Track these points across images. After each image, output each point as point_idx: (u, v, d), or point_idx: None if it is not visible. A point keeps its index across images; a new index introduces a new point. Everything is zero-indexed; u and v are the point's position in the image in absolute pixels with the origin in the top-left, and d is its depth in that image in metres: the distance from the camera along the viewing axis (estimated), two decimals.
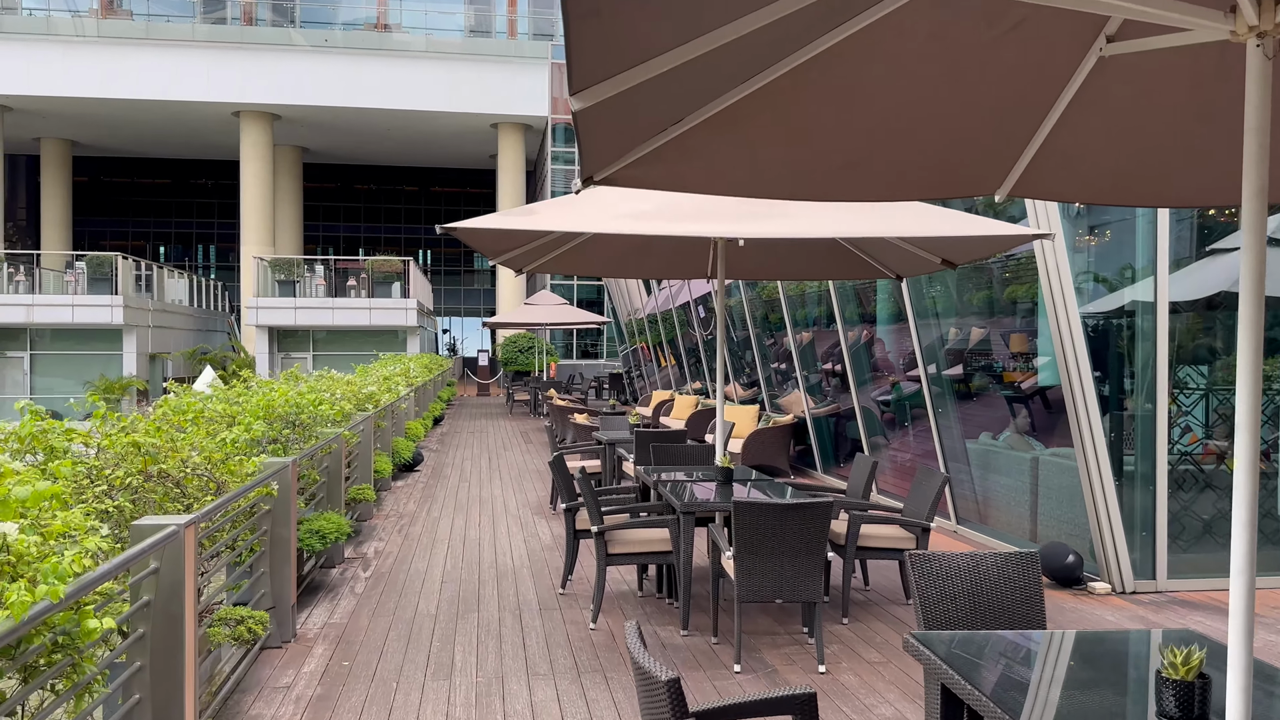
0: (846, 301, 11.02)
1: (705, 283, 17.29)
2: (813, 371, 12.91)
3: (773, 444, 12.57)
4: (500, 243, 6.36)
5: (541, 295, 24.77)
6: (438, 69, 35.40)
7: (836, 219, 5.32)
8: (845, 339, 11.09)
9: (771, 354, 14.66)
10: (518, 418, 23.34)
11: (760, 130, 3.00)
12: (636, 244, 7.36)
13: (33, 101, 34.40)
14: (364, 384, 11.18)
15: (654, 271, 7.85)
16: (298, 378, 8.71)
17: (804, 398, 12.84)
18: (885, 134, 3.11)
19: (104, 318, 28.72)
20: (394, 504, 10.57)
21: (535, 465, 14.14)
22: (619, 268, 7.60)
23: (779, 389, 14.52)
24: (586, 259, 7.30)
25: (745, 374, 16.60)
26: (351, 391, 10.32)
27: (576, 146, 2.94)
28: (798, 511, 4.97)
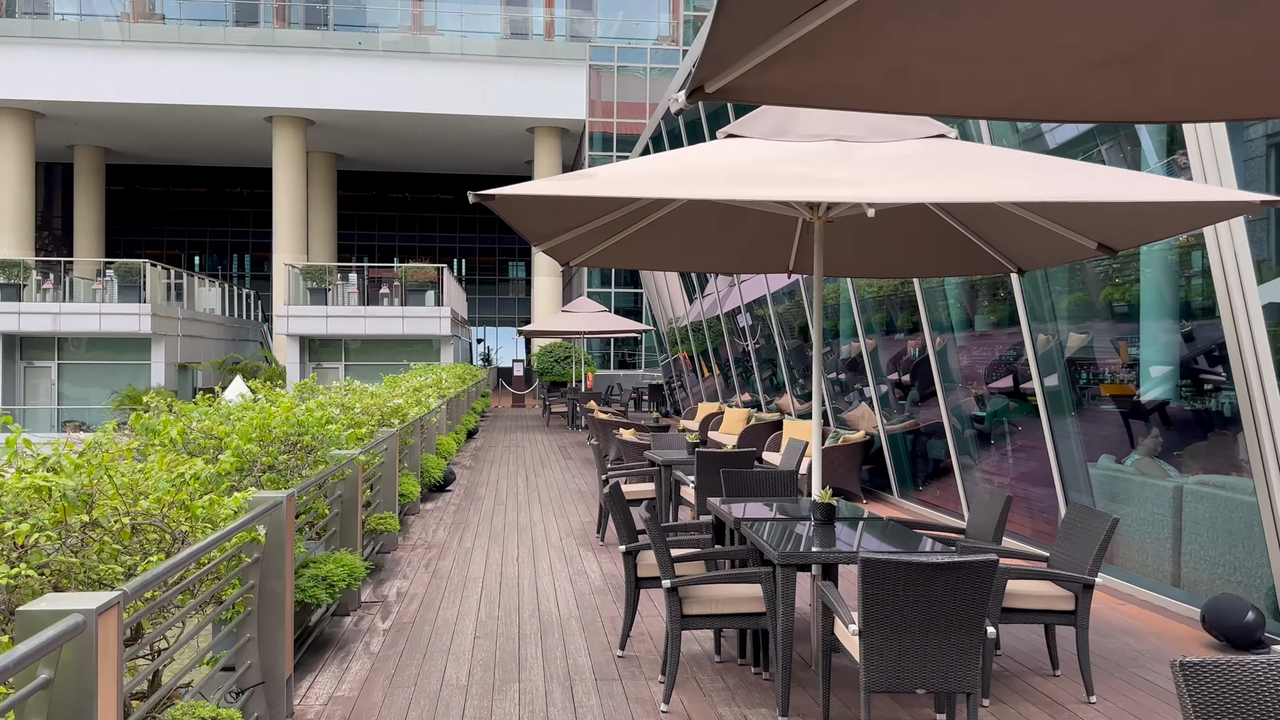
0: (935, 302, 9.72)
1: (757, 286, 16.06)
2: (882, 382, 11.60)
3: (843, 464, 11.28)
4: (545, 221, 5.18)
5: (580, 302, 23.64)
6: (473, 72, 34.53)
7: (979, 182, 4.06)
8: (932, 345, 9.78)
9: (831, 364, 13.36)
10: (555, 431, 22.19)
11: None
12: (708, 229, 6.15)
13: (65, 107, 33.96)
14: (390, 396, 10.06)
15: (727, 263, 6.62)
16: (313, 389, 7.59)
17: (875, 412, 11.53)
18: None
19: (131, 326, 28.03)
20: (422, 531, 9.41)
21: (576, 485, 12.94)
22: (687, 257, 6.39)
23: (841, 402, 13.22)
24: (648, 247, 6.10)
25: (799, 386, 15.31)
26: (376, 405, 9.21)
27: (705, 39, 2.19)
28: (952, 573, 3.70)
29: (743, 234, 6.25)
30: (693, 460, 8.57)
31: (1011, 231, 5.70)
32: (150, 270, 28.77)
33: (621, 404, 25.49)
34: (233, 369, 30.97)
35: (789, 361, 15.04)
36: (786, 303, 14.79)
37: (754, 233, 6.23)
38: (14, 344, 29.05)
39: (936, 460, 10.68)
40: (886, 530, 5.05)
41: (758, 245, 6.38)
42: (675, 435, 9.90)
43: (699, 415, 19.24)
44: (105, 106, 33.95)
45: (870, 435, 11.75)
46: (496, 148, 40.46)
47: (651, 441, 9.90)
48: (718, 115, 16.86)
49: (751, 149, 4.68)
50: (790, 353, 15.11)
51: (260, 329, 41.36)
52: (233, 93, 33.77)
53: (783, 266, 6.60)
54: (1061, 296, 7.72)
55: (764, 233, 6.27)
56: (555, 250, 5.76)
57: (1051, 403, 7.88)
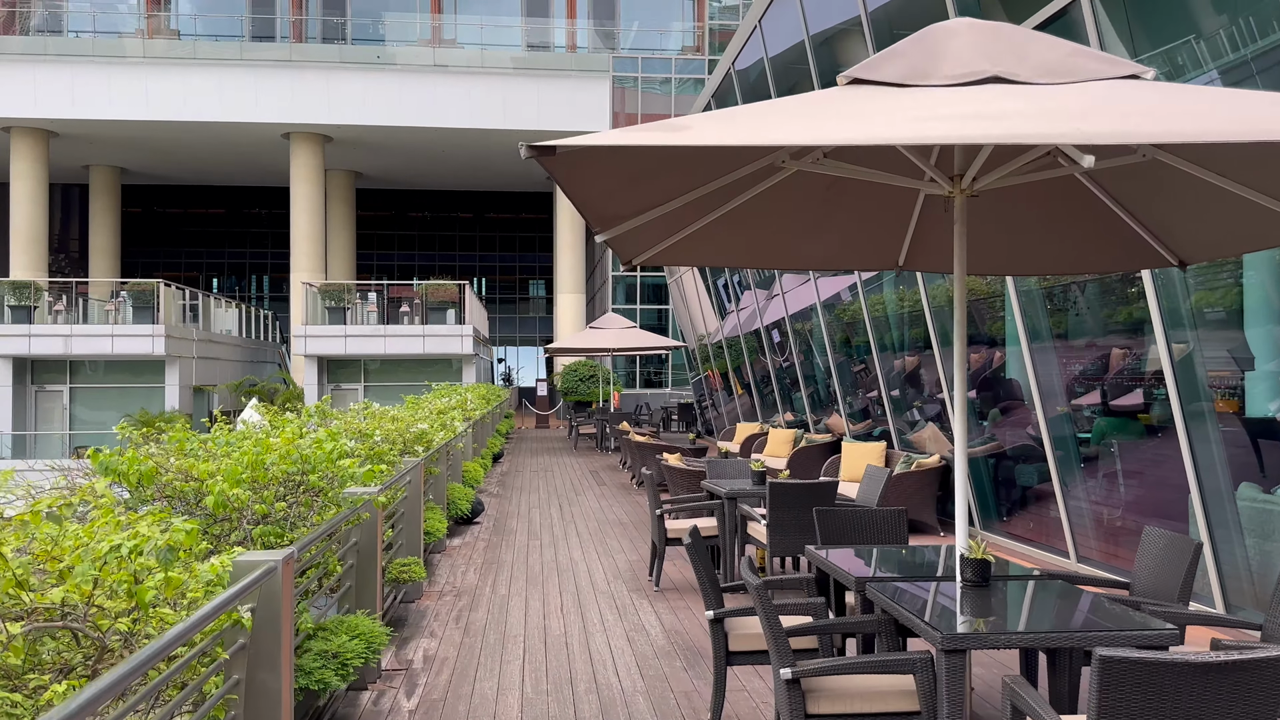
0: (1033, 306, 8.54)
1: (805, 295, 14.93)
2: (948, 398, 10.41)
3: (918, 492, 10.10)
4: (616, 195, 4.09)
5: (608, 318, 22.56)
6: (493, 85, 33.69)
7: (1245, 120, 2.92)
8: (1029, 356, 8.60)
9: (888, 380, 12.18)
10: (583, 453, 21.08)
11: None
12: (804, 216, 5.04)
13: (79, 126, 33.34)
14: (412, 420, 8.98)
15: (822, 257, 5.51)
16: (326, 413, 6.52)
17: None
18: None
19: (144, 348, 27.17)
20: (450, 574, 8.30)
21: (615, 514, 11.80)
22: (776, 251, 5.30)
23: (899, 421, 12.04)
24: (731, 238, 5.02)
25: (845, 403, 14.15)
26: (398, 430, 8.13)
27: None
28: (1237, 676, 2.55)
29: (844, 221, 5.14)
30: (762, 492, 7.43)
31: (1187, 211, 4.56)
32: (164, 291, 27.95)
33: (653, 424, 24.34)
34: (249, 391, 30.07)
35: (839, 378, 13.87)
36: (837, 312, 13.65)
37: (859, 219, 5.12)
38: (25, 367, 28.27)
39: (1026, 487, 9.49)
40: (1067, 596, 3.89)
41: (862, 234, 5.27)
42: (736, 462, 8.76)
43: (738, 436, 18.08)
44: (120, 125, 33.31)
45: (945, 459, 10.57)
46: (518, 163, 39.59)
47: (707, 469, 8.77)
48: None
49: (887, 97, 3.57)
50: (840, 368, 13.95)
51: (279, 350, 40.55)
52: (249, 109, 33.05)
53: (890, 260, 5.48)
54: (1209, 296, 6.55)
55: (871, 219, 5.15)
56: (620, 241, 4.67)
57: (1192, 421, 6.69)
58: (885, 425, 12.59)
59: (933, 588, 4.03)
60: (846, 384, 13.80)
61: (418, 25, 34.57)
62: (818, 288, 13.85)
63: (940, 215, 5.02)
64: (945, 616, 3.50)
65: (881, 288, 12.13)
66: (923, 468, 10.19)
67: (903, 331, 11.57)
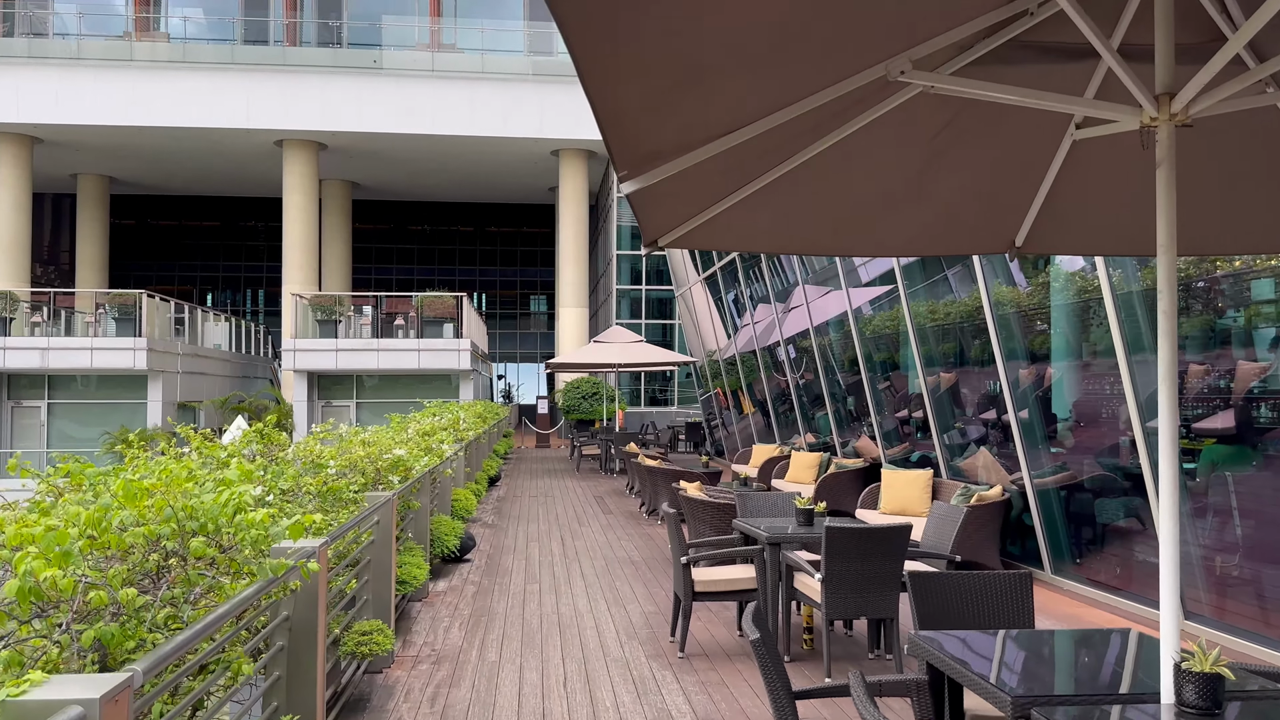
0: (1132, 309, 7.16)
1: (833, 304, 13.57)
2: (1029, 419, 9.04)
3: (978, 531, 8.69)
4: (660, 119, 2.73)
5: (613, 332, 21.20)
6: (494, 91, 32.48)
7: None
8: (1128, 371, 7.21)
9: (935, 399, 10.80)
10: (587, 476, 19.67)
11: None
12: (908, 180, 3.69)
13: (64, 131, 32.12)
14: (390, 444, 7.60)
15: (917, 239, 4.15)
16: (248, 440, 5.16)
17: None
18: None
19: (125, 362, 25.81)
20: (429, 630, 6.90)
21: (625, 550, 10.40)
22: (857, 228, 3.94)
23: (929, 443, 10.65)
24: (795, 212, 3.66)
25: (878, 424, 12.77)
26: (370, 456, 6.76)
27: None
28: None
29: (949, 185, 3.79)
30: (811, 536, 6.03)
31: None
32: (147, 302, 26.62)
33: (660, 445, 22.93)
34: (235, 408, 28.68)
35: (872, 396, 12.48)
36: (870, 323, 12.29)
37: (971, 180, 3.76)
38: (0, 381, 26.92)
39: (1108, 524, 8.09)
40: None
41: (972, 204, 3.91)
42: (772, 496, 7.36)
43: (755, 459, 16.67)
44: (106, 130, 32.09)
45: (1009, 492, 9.17)
46: (519, 173, 38.37)
47: (737, 504, 7.37)
48: None
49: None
50: (872, 384, 12.56)
51: (271, 366, 39.17)
52: (240, 115, 31.83)
53: (1001, 241, 4.11)
54: None
55: (987, 179, 3.79)
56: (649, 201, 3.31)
57: None
58: (927, 449, 11.20)
59: (1130, 714, 2.64)
60: (880, 403, 12.41)
61: (416, 29, 33.39)
62: (849, 295, 12.49)
63: (1090, 170, 3.66)
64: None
65: (922, 293, 10.78)
66: (984, 501, 8.79)
67: (956, 342, 10.20)
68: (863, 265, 12.23)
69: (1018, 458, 9.01)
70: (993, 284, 8.93)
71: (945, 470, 10.59)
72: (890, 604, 5.66)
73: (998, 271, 8.94)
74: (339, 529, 4.42)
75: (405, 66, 32.20)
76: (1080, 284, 7.77)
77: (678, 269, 25.41)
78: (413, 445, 8.42)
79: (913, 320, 10.66)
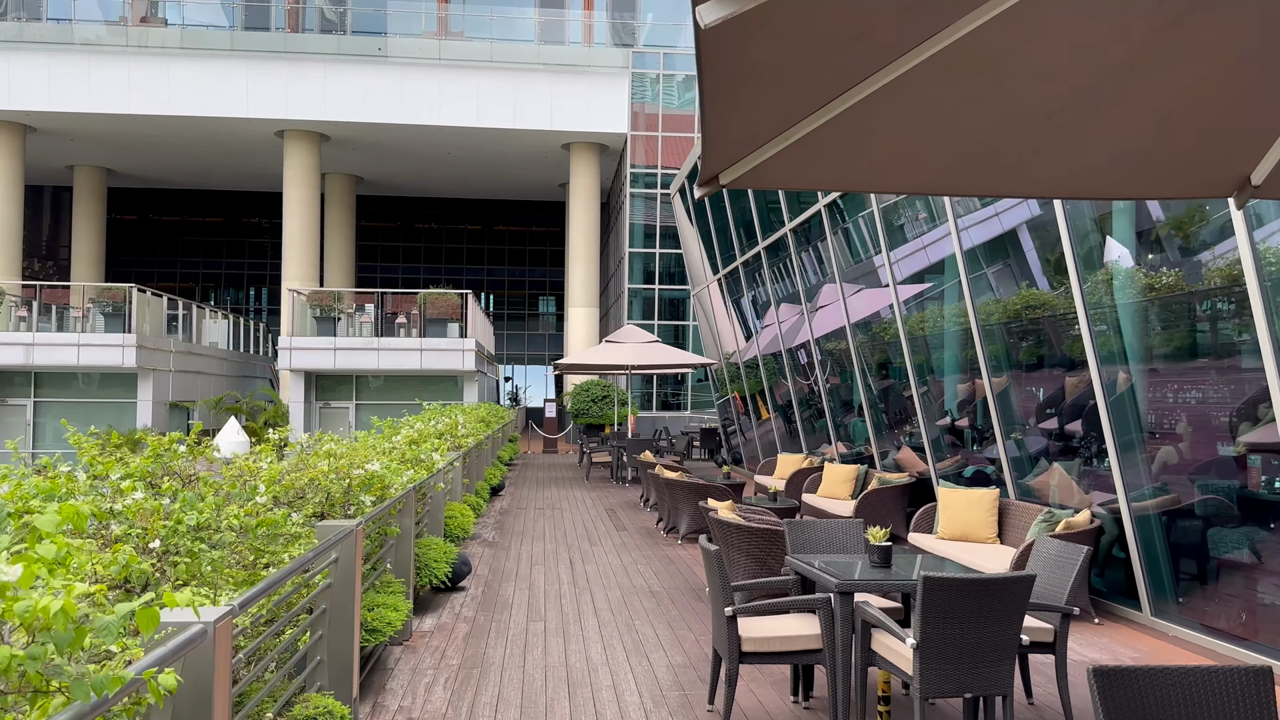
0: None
1: (873, 300, 12.23)
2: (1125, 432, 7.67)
3: (1061, 567, 7.31)
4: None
5: (627, 331, 19.86)
6: (503, 81, 31.23)
7: None
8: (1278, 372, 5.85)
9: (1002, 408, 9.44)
10: (597, 485, 18.34)
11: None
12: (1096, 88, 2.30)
13: (57, 119, 30.97)
14: (366, 457, 6.28)
15: (1096, 176, 2.80)
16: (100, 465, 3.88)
17: (1116, 482, 7.54)
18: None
19: (113, 359, 24.57)
20: (406, 689, 5.56)
21: (643, 577, 9.06)
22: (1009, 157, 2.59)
23: (1009, 461, 9.28)
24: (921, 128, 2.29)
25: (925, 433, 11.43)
26: (340, 472, 5.46)
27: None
28: None
29: (1160, 98, 2.44)
30: (897, 582, 4.68)
31: None
32: (137, 296, 25.38)
33: (676, 453, 21.56)
34: (229, 409, 27.44)
35: (921, 402, 11.11)
36: (917, 322, 10.93)
37: (1194, 84, 2.42)
38: None
39: (1224, 559, 6.73)
40: None
41: (1178, 128, 2.56)
42: (836, 526, 6.01)
43: (781, 469, 15.31)
44: (101, 119, 30.93)
45: (1097, 519, 7.79)
46: (529, 168, 37.10)
47: (787, 535, 6.01)
48: None
49: None
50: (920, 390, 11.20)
51: (271, 365, 37.95)
52: (239, 104, 30.65)
53: (1226, 180, 2.77)
54: None
55: (1213, 88, 2.45)
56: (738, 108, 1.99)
57: None
58: (982, 463, 9.83)
59: None
60: (930, 410, 11.03)
61: (423, 16, 32.15)
62: (897, 292, 11.12)
63: None
64: None
65: (986, 283, 9.42)
66: (1072, 529, 7.42)
67: (1031, 341, 8.82)
68: (911, 255, 10.88)
69: (1108, 476, 7.65)
70: (1084, 271, 7.57)
71: (1013, 489, 9.21)
72: (1004, 678, 4.31)
73: (1094, 258, 7.57)
74: (256, 590, 3.09)
75: (410, 55, 30.97)
76: (1219, 268, 6.40)
77: (694, 266, 24.08)
78: (395, 456, 7.10)
79: (977, 316, 9.29)
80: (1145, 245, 7.32)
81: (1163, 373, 7.17)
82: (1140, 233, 7.30)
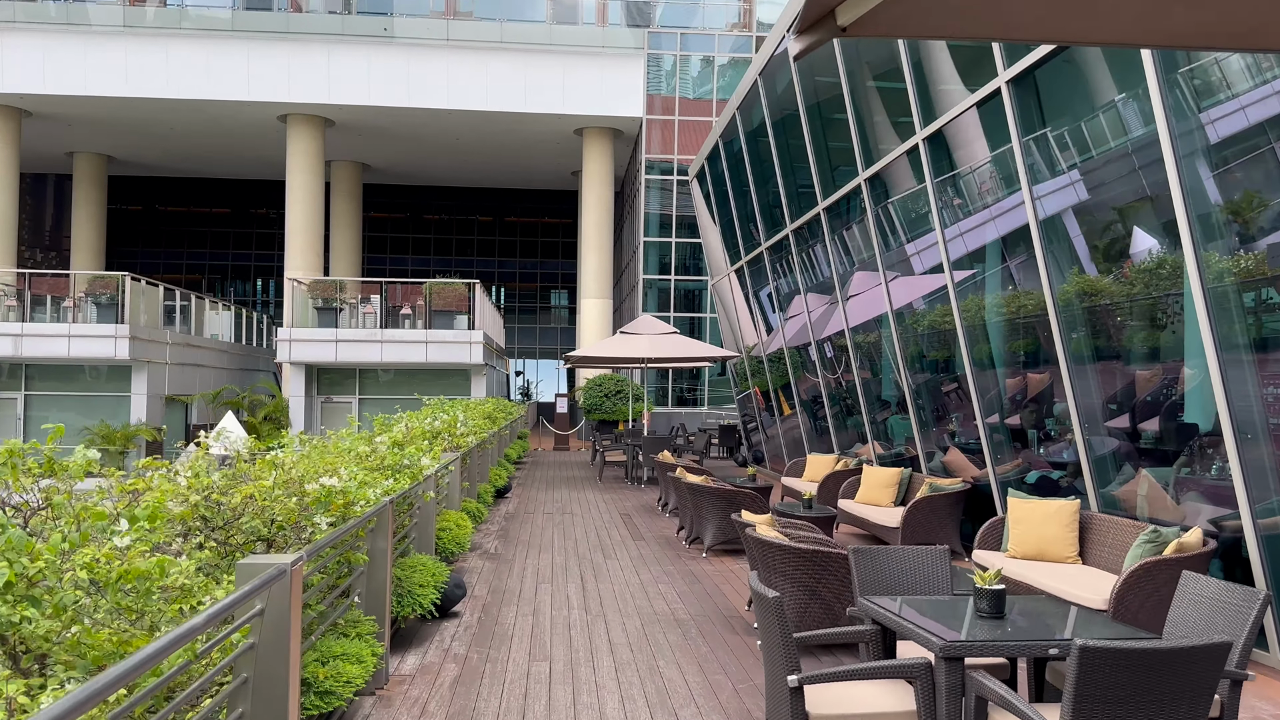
0: None
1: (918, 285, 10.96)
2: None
3: (1224, 614, 6.04)
4: None
5: (642, 322, 18.63)
6: (514, 63, 30.01)
7: None
8: None
9: (1082, 404, 8.17)
10: (610, 487, 17.14)
11: None
12: None
13: (52, 103, 29.92)
14: (320, 470, 5.07)
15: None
16: None
17: (1239, 494, 6.27)
18: None
19: (105, 351, 23.48)
20: None
21: (665, 600, 7.84)
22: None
23: (1091, 467, 8.00)
24: None
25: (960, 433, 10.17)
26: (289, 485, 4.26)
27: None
28: None
29: None
30: (1032, 645, 3.44)
31: None
32: (131, 285, 24.28)
33: (695, 452, 20.34)
34: (226, 403, 26.35)
35: (979, 397, 9.82)
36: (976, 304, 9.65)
37: None
38: None
39: None
40: None
41: None
42: (914, 556, 4.77)
43: (812, 471, 14.06)
44: (97, 102, 29.87)
45: (1210, 539, 6.52)
46: (540, 155, 35.87)
47: (853, 564, 4.77)
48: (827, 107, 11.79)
49: None
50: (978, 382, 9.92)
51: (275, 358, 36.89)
52: (240, 87, 29.54)
53: None
54: None
55: None
56: None
57: None
58: (1045, 468, 8.57)
59: None
60: (992, 406, 9.76)
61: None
62: (951, 274, 9.85)
63: None
64: None
65: (1070, 263, 8.15)
66: (1185, 551, 6.15)
67: (1119, 327, 7.54)
68: (973, 230, 9.60)
69: (1220, 486, 6.38)
70: (1203, 245, 6.29)
71: (1095, 500, 7.94)
72: None
73: (1214, 229, 6.28)
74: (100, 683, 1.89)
75: (418, 35, 29.79)
76: None
77: (714, 255, 22.82)
78: (373, 462, 5.89)
79: (1056, 296, 8.01)
80: None
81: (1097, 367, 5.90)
82: None
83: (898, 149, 10.75)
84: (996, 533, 8.12)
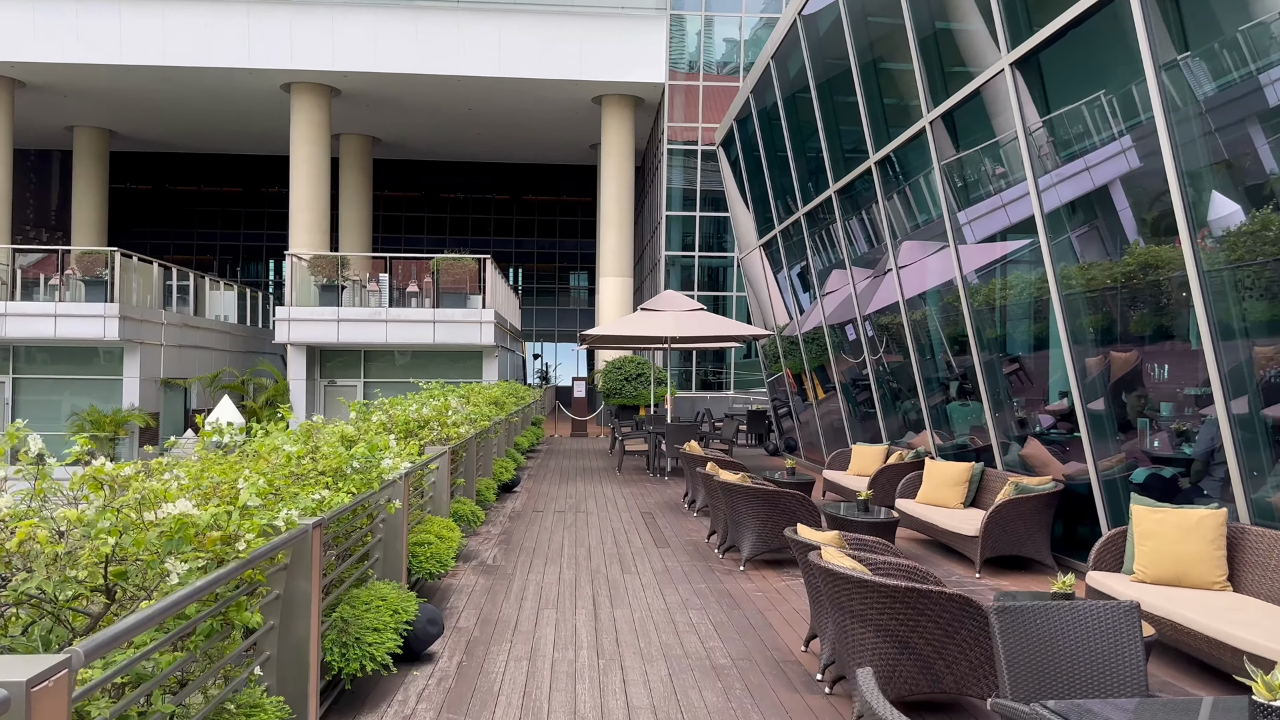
0: None
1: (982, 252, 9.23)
2: None
3: None
4: None
5: (665, 297, 16.94)
6: (528, 25, 28.29)
7: None
8: None
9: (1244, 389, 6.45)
10: (630, 479, 15.53)
11: None
12: None
13: (45, 71, 28.51)
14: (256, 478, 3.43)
15: None
16: None
17: None
18: None
19: (94, 331, 22.07)
20: None
21: (700, 634, 6.21)
22: None
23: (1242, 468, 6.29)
24: None
25: (1084, 419, 8.45)
26: (125, 521, 2.58)
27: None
28: None
29: None
30: None
31: None
32: (121, 262, 22.85)
33: (724, 441, 18.67)
34: (225, 386, 24.92)
35: (1079, 380, 8.09)
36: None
37: None
38: None
39: None
40: None
41: None
42: (1074, 613, 3.11)
43: (859, 464, 12.39)
44: (93, 71, 28.42)
45: None
46: (557, 126, 34.14)
47: (997, 630, 3.13)
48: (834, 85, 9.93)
49: None
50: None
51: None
52: (240, 54, 28.01)
53: None
54: None
55: None
56: None
57: None
58: (1160, 466, 6.86)
59: None
60: (1097, 390, 8.03)
61: None
62: (1047, 232, 8.09)
63: None
64: None
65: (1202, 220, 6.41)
66: None
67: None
68: (1073, 177, 7.86)
69: None
70: None
71: (1247, 510, 6.21)
72: None
73: None
74: None
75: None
76: None
77: (741, 227, 21.09)
78: (292, 469, 4.28)
79: (1198, 255, 6.26)
80: None
81: None
82: None
83: (978, 79, 8.97)
84: (1116, 549, 6.43)
